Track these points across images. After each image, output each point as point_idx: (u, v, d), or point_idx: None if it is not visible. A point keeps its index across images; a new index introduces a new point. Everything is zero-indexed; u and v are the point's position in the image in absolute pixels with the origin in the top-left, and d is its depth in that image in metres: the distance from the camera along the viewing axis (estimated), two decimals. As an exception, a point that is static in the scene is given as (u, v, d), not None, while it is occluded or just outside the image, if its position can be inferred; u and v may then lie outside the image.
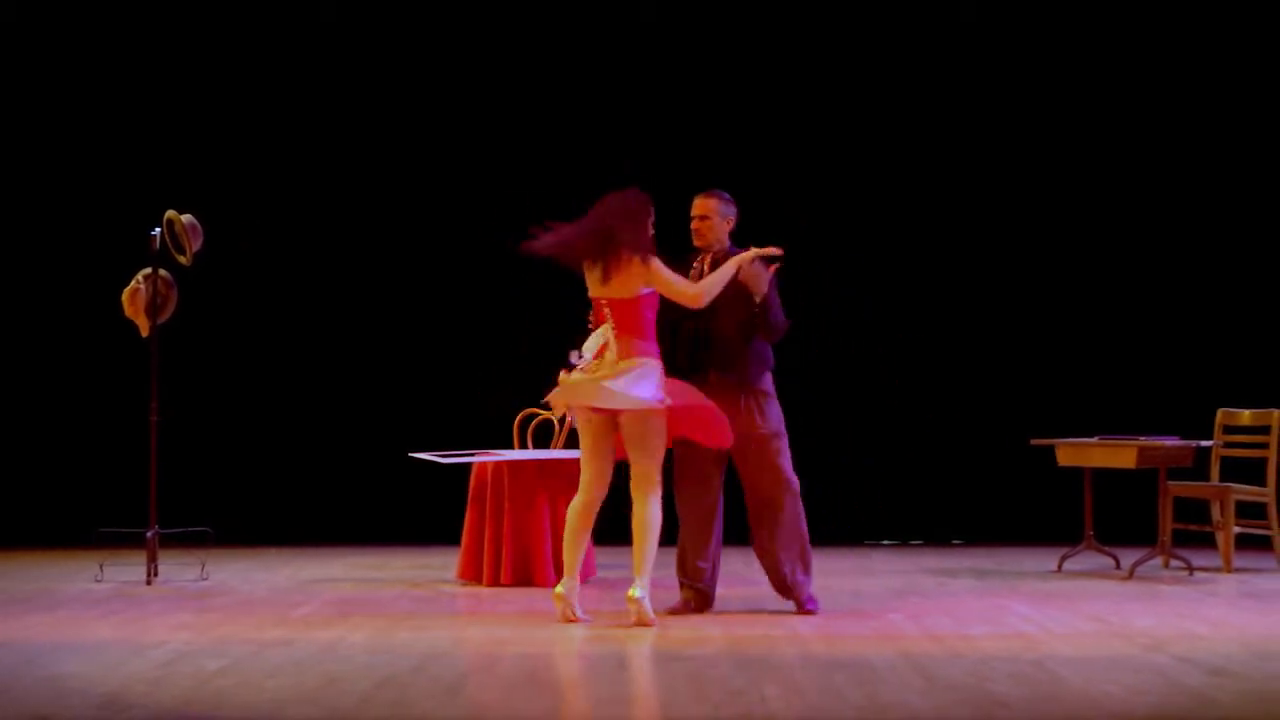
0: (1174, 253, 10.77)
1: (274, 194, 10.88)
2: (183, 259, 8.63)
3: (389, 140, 10.95)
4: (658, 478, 6.84)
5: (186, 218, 8.60)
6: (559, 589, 6.87)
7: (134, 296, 8.62)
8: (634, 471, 6.85)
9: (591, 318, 7.05)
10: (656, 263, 6.81)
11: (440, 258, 10.92)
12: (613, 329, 6.82)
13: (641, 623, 6.71)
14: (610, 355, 6.81)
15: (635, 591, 6.72)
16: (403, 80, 10.93)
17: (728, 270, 6.94)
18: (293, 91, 10.92)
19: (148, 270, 8.60)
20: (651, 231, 6.89)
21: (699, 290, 6.88)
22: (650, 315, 6.85)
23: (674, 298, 6.87)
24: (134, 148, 10.77)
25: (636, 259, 6.76)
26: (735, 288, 6.95)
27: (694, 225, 7.20)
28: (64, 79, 10.81)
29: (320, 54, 10.89)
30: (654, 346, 6.83)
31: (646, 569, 6.74)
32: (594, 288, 6.88)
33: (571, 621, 6.83)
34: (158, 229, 8.59)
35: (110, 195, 10.65)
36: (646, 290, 6.81)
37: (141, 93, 10.82)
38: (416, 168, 10.96)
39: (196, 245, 8.61)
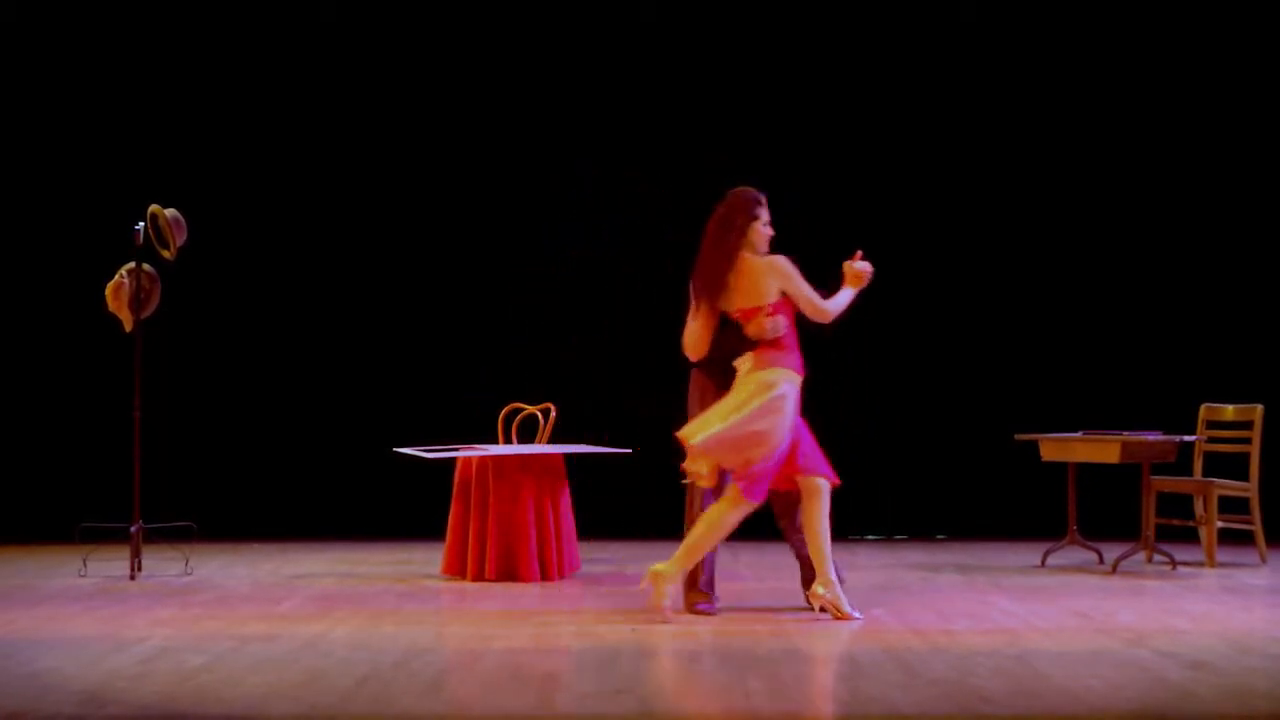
0: (1158, 249, 10.78)
1: (258, 189, 10.85)
2: (166, 254, 8.61)
3: (372, 136, 10.91)
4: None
5: (170, 212, 8.59)
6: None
7: (118, 291, 8.60)
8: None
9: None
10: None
11: (424, 252, 10.90)
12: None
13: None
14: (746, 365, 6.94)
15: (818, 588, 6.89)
16: (390, 77, 10.90)
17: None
18: (278, 88, 10.88)
19: (131, 265, 8.58)
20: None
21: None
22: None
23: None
24: (118, 142, 10.73)
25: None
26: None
27: None
28: (49, 73, 10.77)
29: (306, 51, 10.85)
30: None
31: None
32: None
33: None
34: (141, 223, 8.57)
35: (94, 189, 10.62)
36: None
37: (126, 87, 10.78)
38: (399, 164, 10.92)
39: (180, 240, 8.59)
